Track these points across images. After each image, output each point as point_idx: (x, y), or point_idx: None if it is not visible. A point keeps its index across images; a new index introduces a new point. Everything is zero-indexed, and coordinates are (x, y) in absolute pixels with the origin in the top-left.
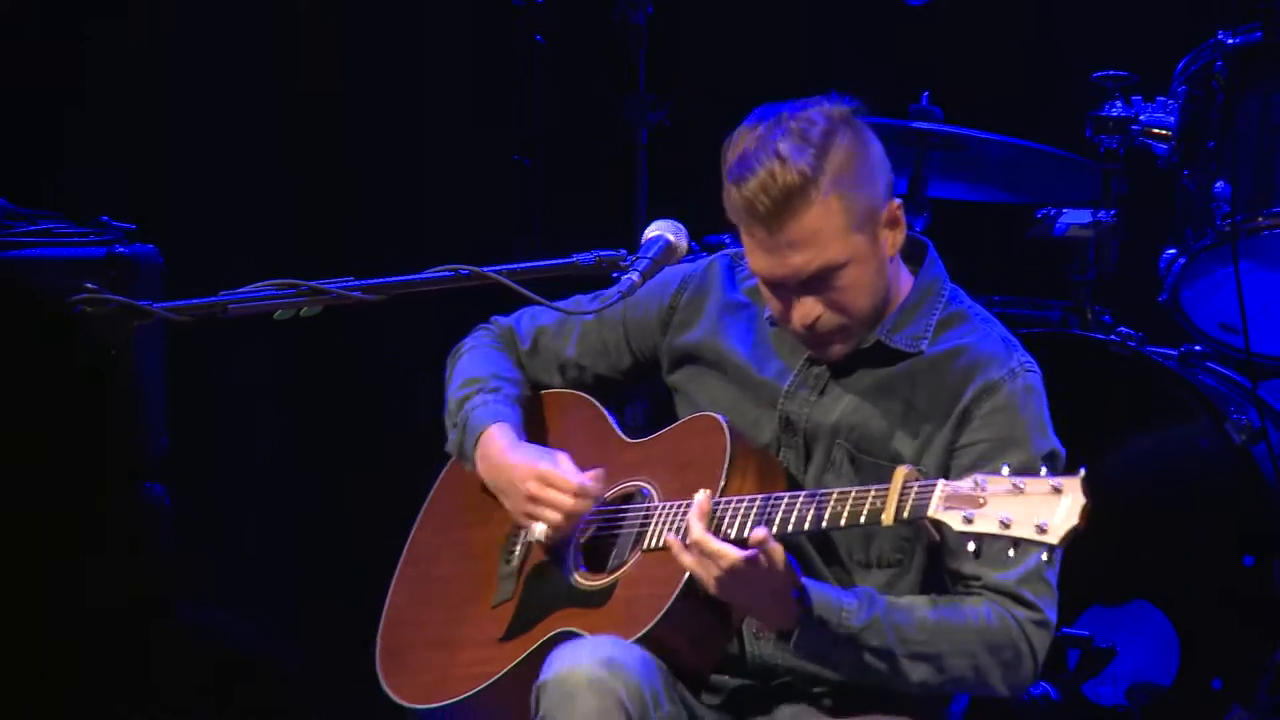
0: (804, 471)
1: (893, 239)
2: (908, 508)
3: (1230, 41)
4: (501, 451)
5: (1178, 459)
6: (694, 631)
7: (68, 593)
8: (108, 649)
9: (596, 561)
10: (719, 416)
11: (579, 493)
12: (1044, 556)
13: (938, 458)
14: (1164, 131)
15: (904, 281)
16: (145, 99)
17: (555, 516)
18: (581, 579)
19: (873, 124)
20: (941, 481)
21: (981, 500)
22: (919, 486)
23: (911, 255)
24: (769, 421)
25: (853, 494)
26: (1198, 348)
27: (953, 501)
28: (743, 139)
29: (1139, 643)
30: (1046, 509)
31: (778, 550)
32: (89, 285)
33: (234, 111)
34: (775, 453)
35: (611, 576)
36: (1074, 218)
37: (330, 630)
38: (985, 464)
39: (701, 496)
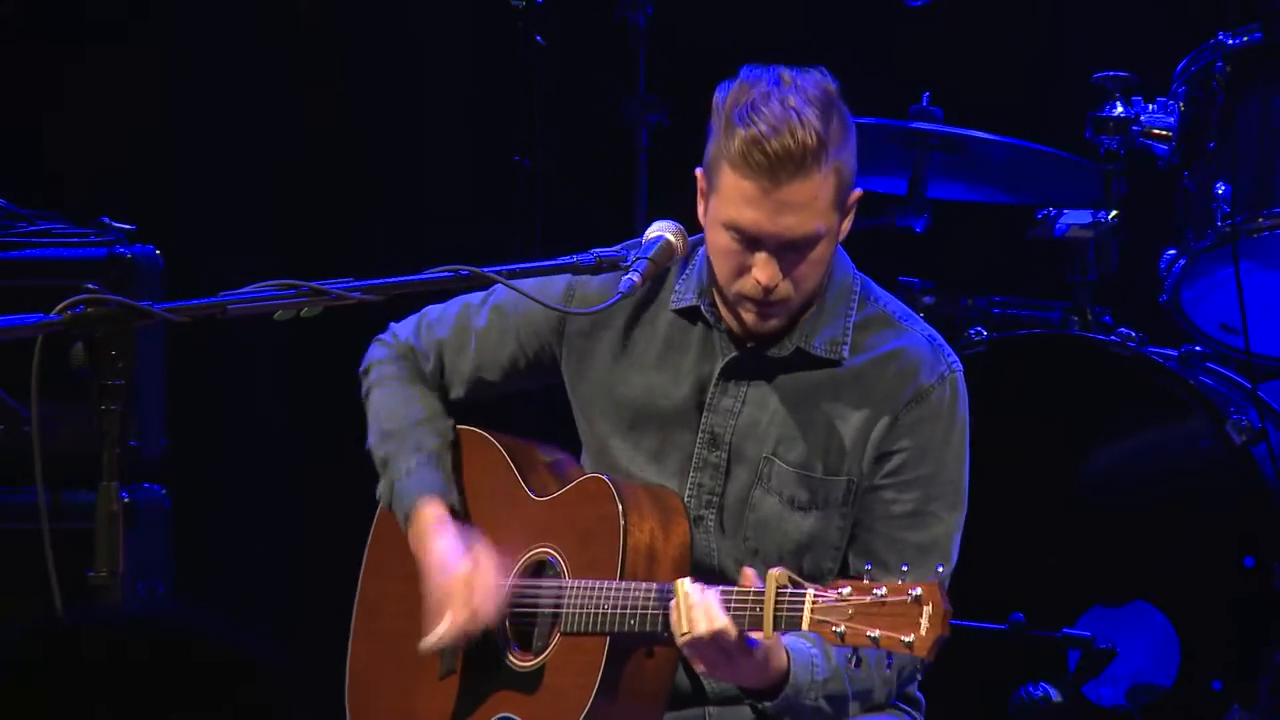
0: (723, 490)
1: (846, 226)
2: (784, 620)
3: (1230, 43)
4: (425, 538)
5: (1178, 460)
6: (622, 714)
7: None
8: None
9: (523, 637)
10: (606, 479)
11: (464, 626)
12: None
13: (869, 465)
14: (1164, 132)
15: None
16: (145, 99)
17: (433, 639)
18: (513, 658)
19: (873, 124)
20: (810, 591)
21: (849, 612)
22: (790, 596)
23: None
24: (680, 441)
25: (734, 597)
26: (1198, 348)
27: (822, 614)
28: (745, 91)
29: (1139, 643)
30: (910, 622)
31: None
32: (89, 285)
33: (234, 112)
34: (685, 476)
35: (538, 660)
36: (1074, 218)
37: (330, 631)
38: (905, 472)
39: (707, 595)
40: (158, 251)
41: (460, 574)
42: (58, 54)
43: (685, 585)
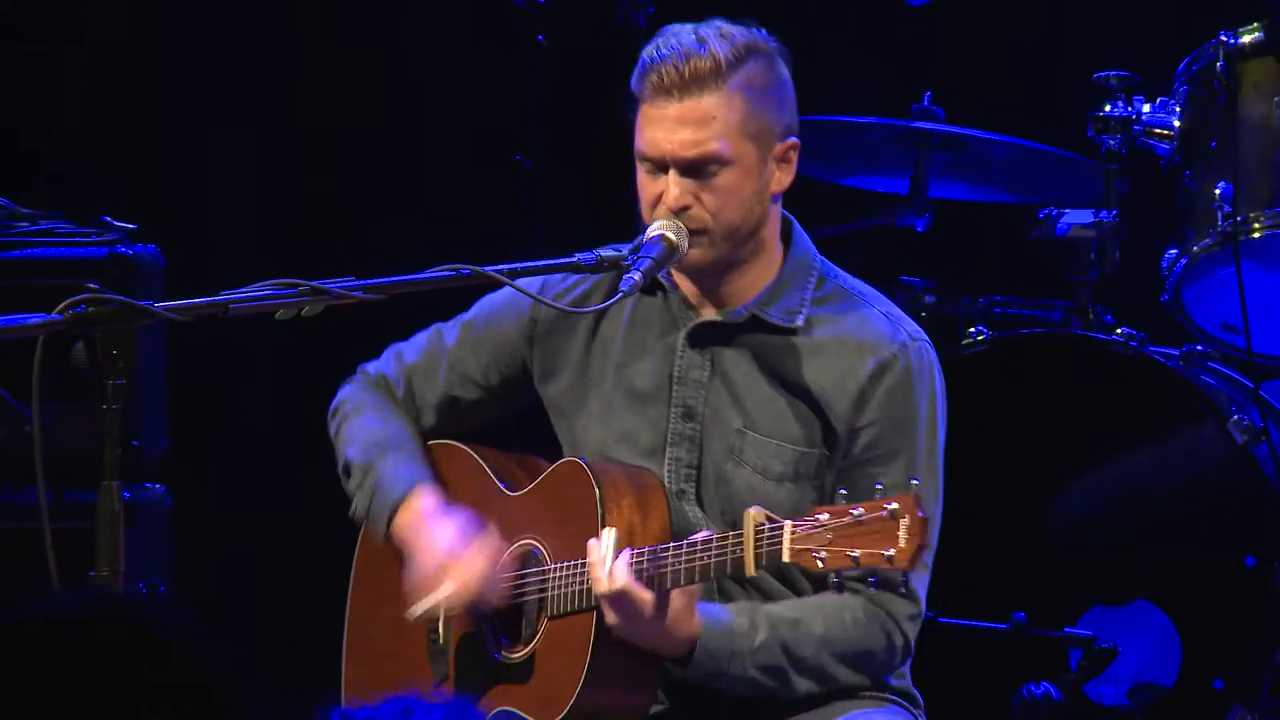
0: (699, 463)
1: (779, 177)
2: (764, 555)
3: (1232, 42)
4: (420, 522)
5: (1179, 459)
6: (616, 688)
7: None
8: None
9: (511, 630)
10: (581, 462)
11: (457, 596)
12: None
13: (843, 441)
14: (1166, 131)
15: (776, 257)
16: (145, 99)
17: (420, 608)
18: (503, 652)
19: (874, 124)
20: (788, 524)
21: (828, 537)
22: (769, 530)
23: (780, 233)
24: (654, 418)
25: (714, 543)
26: (1199, 348)
27: (801, 543)
28: (662, 33)
29: (1141, 643)
30: (888, 537)
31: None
32: (90, 285)
33: (234, 111)
34: (662, 453)
35: (528, 648)
36: (1076, 218)
37: (330, 631)
38: (881, 446)
39: (610, 547)
40: (159, 251)
41: (456, 551)
42: (59, 53)
43: (608, 535)
